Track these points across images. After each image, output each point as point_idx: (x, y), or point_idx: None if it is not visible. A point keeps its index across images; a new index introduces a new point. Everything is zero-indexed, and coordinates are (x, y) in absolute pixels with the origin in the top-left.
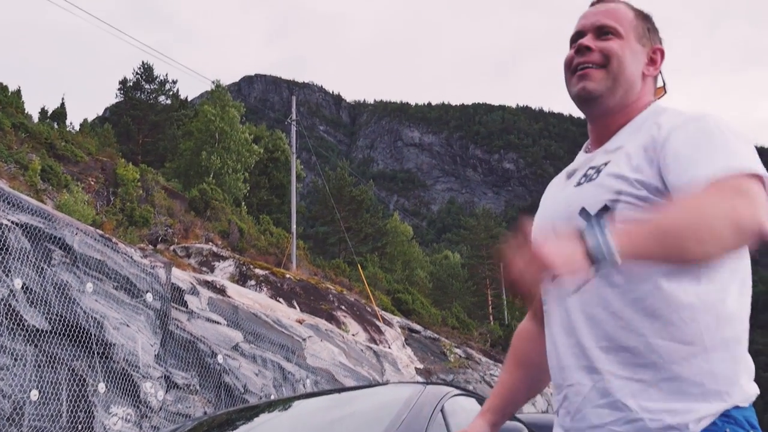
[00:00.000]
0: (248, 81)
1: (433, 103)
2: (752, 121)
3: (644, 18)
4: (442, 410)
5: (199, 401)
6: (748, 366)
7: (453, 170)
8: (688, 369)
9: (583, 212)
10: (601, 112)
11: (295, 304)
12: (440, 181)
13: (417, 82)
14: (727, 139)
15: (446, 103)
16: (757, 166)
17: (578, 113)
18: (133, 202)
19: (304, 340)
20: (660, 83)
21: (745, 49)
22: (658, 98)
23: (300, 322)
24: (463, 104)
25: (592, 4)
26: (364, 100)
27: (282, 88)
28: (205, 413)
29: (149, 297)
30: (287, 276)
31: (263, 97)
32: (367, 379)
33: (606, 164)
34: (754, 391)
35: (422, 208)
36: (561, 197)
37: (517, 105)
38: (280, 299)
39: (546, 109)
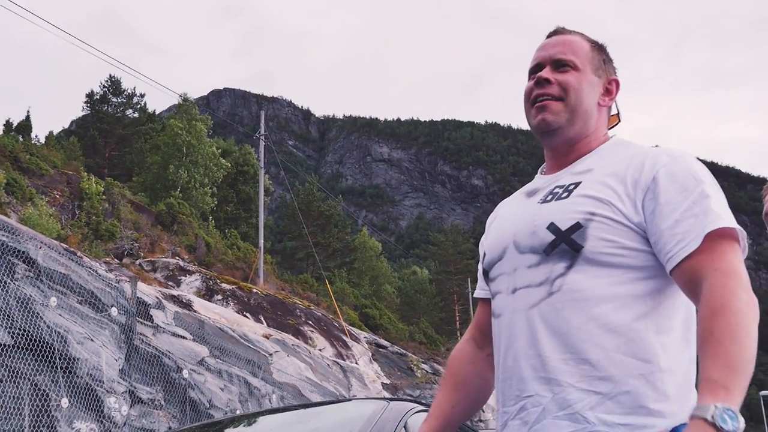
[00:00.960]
0: (217, 95)
1: (402, 119)
2: (712, 141)
3: (600, 49)
4: (405, 427)
5: (163, 416)
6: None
7: (422, 186)
8: (644, 385)
9: (552, 226)
10: (560, 142)
11: (262, 319)
12: (409, 197)
13: (386, 98)
14: (711, 190)
15: (415, 119)
16: (735, 222)
17: None
18: (99, 216)
19: (270, 355)
20: (614, 111)
21: (707, 72)
22: (613, 126)
23: (267, 337)
24: (432, 120)
25: (549, 36)
26: (333, 115)
27: (251, 102)
28: (170, 428)
29: (114, 311)
30: (254, 291)
31: (232, 111)
32: (333, 395)
33: (577, 185)
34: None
35: (390, 224)
36: (523, 213)
37: (486, 122)
38: (247, 314)
39: (514, 126)
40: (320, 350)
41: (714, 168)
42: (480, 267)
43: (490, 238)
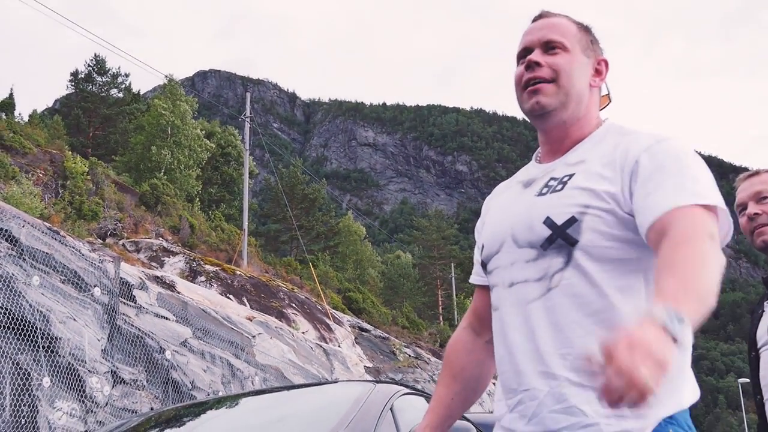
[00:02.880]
0: (202, 76)
1: (388, 104)
2: (692, 131)
3: (586, 30)
4: (391, 409)
5: (145, 397)
6: (690, 374)
7: (406, 171)
8: None
9: (548, 221)
10: (554, 125)
11: (245, 301)
12: (393, 182)
13: (372, 82)
14: (690, 166)
15: (401, 103)
16: (716, 196)
17: None
18: (82, 196)
19: (253, 337)
20: (605, 92)
21: (681, 63)
22: (604, 107)
23: (250, 319)
24: (417, 105)
25: (535, 20)
26: (319, 99)
27: (236, 84)
28: (152, 409)
29: (97, 291)
30: (238, 273)
31: (217, 92)
32: (316, 377)
33: (570, 176)
34: (694, 396)
35: (375, 208)
36: (519, 206)
37: (471, 108)
38: (230, 296)
39: (500, 112)
40: (303, 333)
41: None
42: (477, 254)
43: (487, 229)
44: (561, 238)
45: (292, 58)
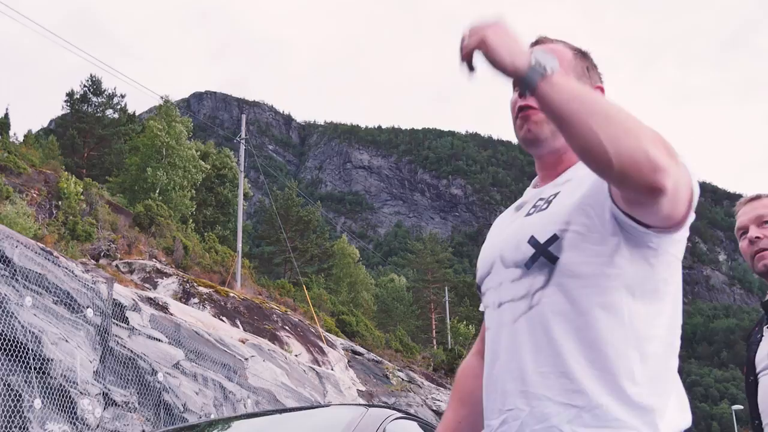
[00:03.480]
0: (198, 97)
1: (383, 127)
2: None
3: (583, 56)
4: None
5: (137, 419)
6: (679, 399)
7: (401, 194)
8: (619, 399)
9: (532, 240)
10: (547, 152)
11: (239, 323)
12: (388, 205)
13: (368, 105)
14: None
15: (396, 126)
16: (693, 174)
17: None
18: (76, 216)
19: (246, 359)
20: None
21: (674, 89)
22: None
23: (243, 341)
24: (413, 129)
25: (531, 45)
26: (315, 121)
27: (232, 106)
28: (143, 431)
29: (90, 312)
30: (231, 295)
31: (213, 114)
32: (309, 400)
33: (556, 195)
34: (683, 423)
35: (369, 231)
36: (510, 228)
37: (467, 131)
38: (224, 318)
39: (495, 136)
40: (296, 356)
41: None
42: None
43: (480, 253)
44: (543, 256)
45: (288, 80)
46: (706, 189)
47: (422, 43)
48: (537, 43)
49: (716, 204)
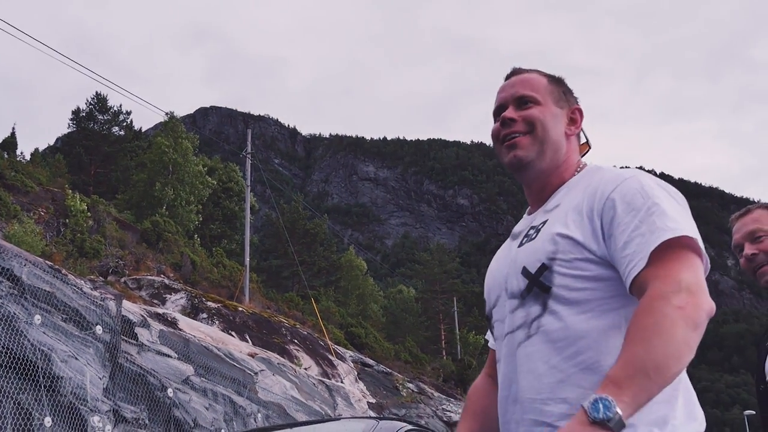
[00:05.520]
0: (203, 113)
1: (389, 138)
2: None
3: (557, 82)
4: None
5: None
6: (688, 406)
7: (407, 205)
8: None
9: (525, 271)
10: (534, 176)
11: (248, 337)
12: (395, 216)
13: (372, 117)
14: (659, 203)
15: (401, 138)
16: (687, 228)
17: None
18: (84, 234)
19: (256, 374)
20: (583, 140)
21: (669, 101)
22: (584, 153)
23: (252, 355)
24: (418, 139)
25: (508, 77)
26: (320, 134)
27: (237, 120)
28: None
29: (99, 329)
30: (240, 309)
31: (218, 129)
32: (319, 414)
33: (544, 223)
34: (690, 430)
35: (376, 243)
36: (508, 258)
37: (472, 141)
38: (233, 332)
39: None
40: (306, 369)
41: (698, 189)
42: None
43: (485, 285)
44: (536, 286)
45: (291, 95)
46: (713, 194)
47: (424, 55)
48: (513, 73)
49: (723, 209)
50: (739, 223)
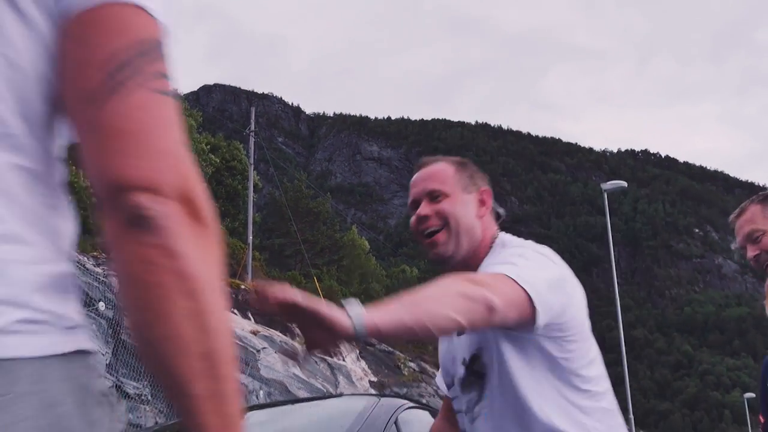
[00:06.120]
0: (207, 90)
1: (393, 118)
2: (684, 152)
3: (464, 167)
4: (396, 422)
5: (150, 411)
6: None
7: None
8: None
9: (464, 361)
10: (455, 264)
11: (250, 315)
12: (398, 196)
13: (377, 97)
14: (521, 259)
15: (406, 117)
16: (524, 279)
17: (536, 131)
18: (87, 210)
19: (258, 351)
20: (496, 214)
21: (673, 84)
22: (499, 222)
23: (254, 333)
24: (422, 119)
25: (418, 168)
26: (324, 113)
27: (241, 98)
28: (156, 423)
29: (102, 306)
30: (242, 287)
31: (222, 107)
32: (320, 392)
33: None
34: None
35: (379, 222)
36: (452, 347)
37: (476, 122)
38: (235, 310)
39: (504, 126)
40: None
41: (703, 172)
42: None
43: (440, 367)
44: (472, 375)
45: (296, 73)
46: (718, 177)
47: (428, 34)
48: (422, 165)
49: (728, 192)
50: (737, 224)
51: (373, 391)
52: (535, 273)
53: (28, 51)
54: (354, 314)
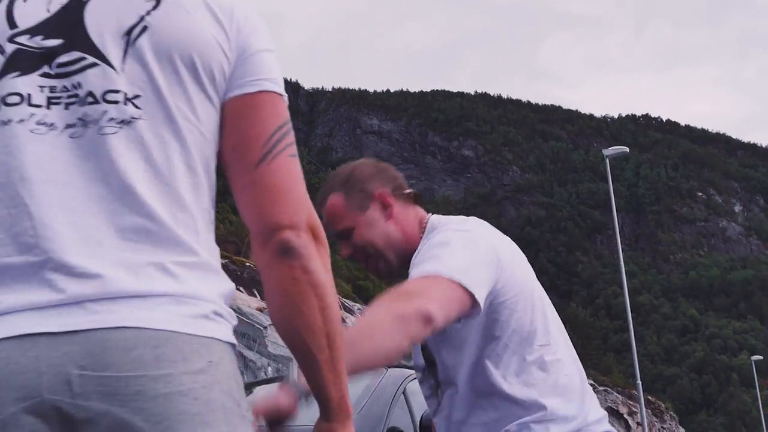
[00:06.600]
0: None
1: (392, 90)
2: (685, 116)
3: (351, 185)
4: (404, 392)
5: None
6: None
7: (412, 157)
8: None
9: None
10: (399, 269)
11: (256, 292)
12: (400, 169)
13: (375, 70)
14: (444, 247)
15: (405, 90)
16: (451, 271)
17: (536, 99)
18: None
19: (265, 328)
20: (407, 196)
21: (671, 48)
22: (417, 199)
23: (260, 310)
24: (421, 91)
25: (318, 205)
26: (323, 88)
27: None
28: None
29: None
30: (247, 264)
31: None
32: None
33: None
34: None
35: None
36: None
37: (476, 92)
38: (240, 287)
39: (504, 95)
40: None
41: (705, 135)
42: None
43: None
44: (427, 362)
45: (292, 50)
46: (720, 140)
47: (426, 4)
48: (318, 206)
49: (730, 155)
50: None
51: None
52: (460, 258)
53: (209, 123)
54: (295, 386)
